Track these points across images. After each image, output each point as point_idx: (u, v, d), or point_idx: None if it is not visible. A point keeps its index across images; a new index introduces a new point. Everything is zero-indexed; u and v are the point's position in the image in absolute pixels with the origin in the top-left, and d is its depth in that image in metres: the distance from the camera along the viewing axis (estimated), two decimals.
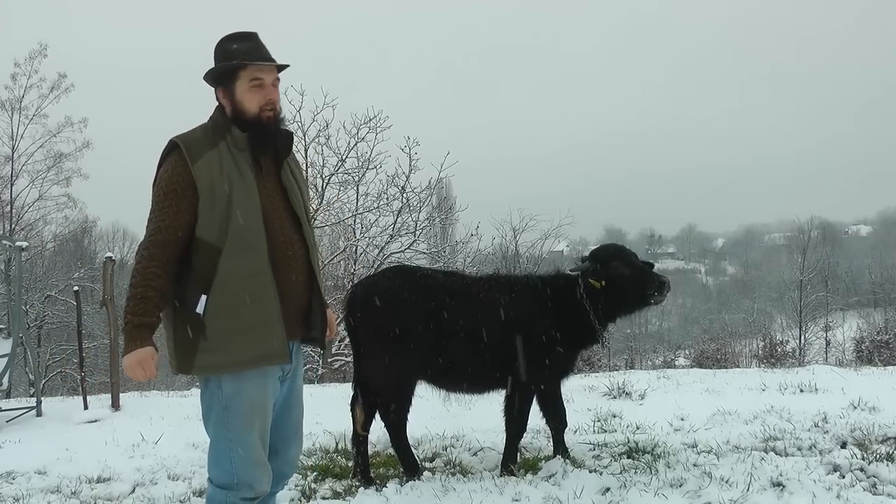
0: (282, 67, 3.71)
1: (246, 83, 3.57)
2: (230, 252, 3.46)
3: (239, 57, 3.57)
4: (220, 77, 3.63)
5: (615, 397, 8.37)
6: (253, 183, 3.57)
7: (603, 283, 5.61)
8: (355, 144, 19.62)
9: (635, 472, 5.43)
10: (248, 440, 3.55)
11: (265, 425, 3.65)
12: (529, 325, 5.57)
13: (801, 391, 8.02)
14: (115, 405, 9.13)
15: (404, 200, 19.67)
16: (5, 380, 9.19)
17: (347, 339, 5.91)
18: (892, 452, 5.51)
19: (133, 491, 5.81)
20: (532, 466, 5.80)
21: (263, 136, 3.61)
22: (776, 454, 5.77)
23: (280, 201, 3.70)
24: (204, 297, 3.45)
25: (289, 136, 3.83)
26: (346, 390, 7.69)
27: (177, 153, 3.47)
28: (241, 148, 3.59)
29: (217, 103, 3.70)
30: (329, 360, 17.96)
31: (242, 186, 3.52)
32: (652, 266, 5.83)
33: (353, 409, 5.71)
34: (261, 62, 3.58)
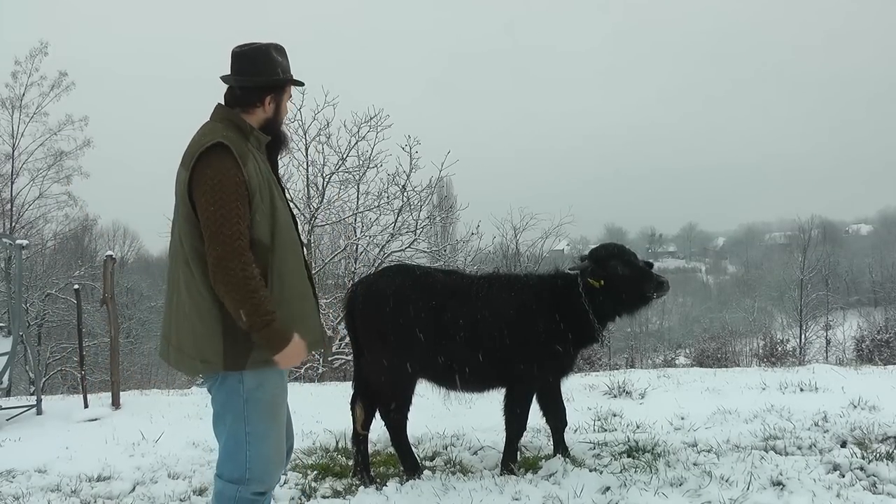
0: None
1: (287, 96, 3.86)
2: (280, 249, 3.59)
3: (288, 72, 3.82)
4: (274, 87, 3.78)
5: (615, 396, 8.37)
6: (276, 183, 3.75)
7: (602, 282, 5.61)
8: (356, 143, 19.64)
9: (635, 471, 5.43)
10: (269, 433, 3.60)
11: (283, 418, 3.72)
12: (529, 324, 5.57)
13: (802, 390, 8.02)
14: (116, 403, 9.13)
15: (405, 199, 19.66)
16: (5, 378, 9.19)
17: (348, 338, 5.92)
18: (892, 451, 5.52)
19: (133, 489, 5.81)
20: (532, 465, 5.80)
21: (286, 142, 3.94)
22: (776, 453, 5.77)
23: (283, 201, 3.86)
24: None
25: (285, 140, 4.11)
26: (346, 389, 7.69)
27: (229, 154, 3.47)
28: (262, 151, 3.76)
29: (221, 104, 3.77)
30: (329, 358, 17.96)
31: (276, 187, 3.70)
32: (651, 266, 5.82)
33: (353, 408, 5.72)
34: (298, 81, 3.86)
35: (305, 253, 3.99)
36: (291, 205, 3.99)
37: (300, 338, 3.54)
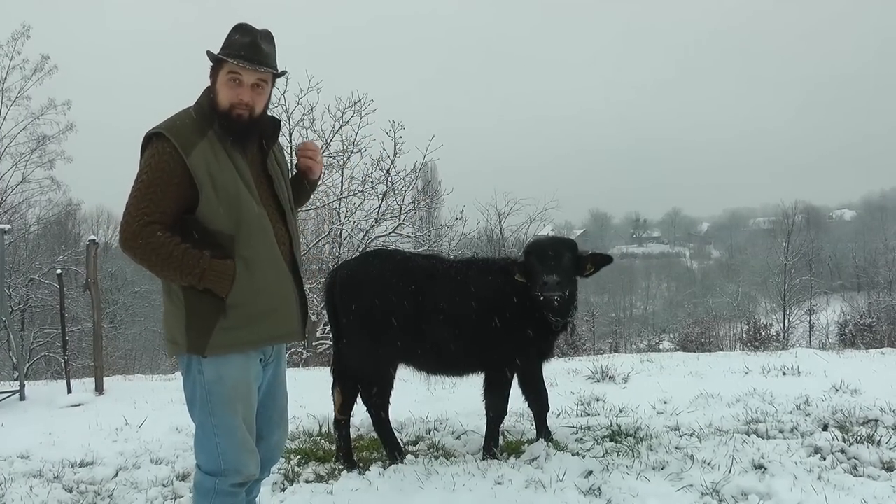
0: (278, 74, 3.66)
1: (225, 75, 3.51)
2: (246, 238, 3.48)
3: (230, 49, 3.50)
4: (212, 62, 3.57)
5: (599, 381, 8.40)
6: (248, 171, 3.57)
7: (523, 278, 5.50)
8: (340, 128, 19.62)
9: (618, 455, 5.45)
10: (233, 424, 3.53)
11: (249, 409, 3.63)
12: (505, 308, 5.54)
13: (784, 374, 8.08)
14: (99, 389, 9.11)
15: (389, 184, 19.67)
16: None
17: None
18: (873, 434, 5.55)
19: (116, 475, 5.79)
20: (515, 450, 5.81)
21: (228, 130, 3.52)
22: (758, 437, 5.79)
23: (266, 190, 3.68)
24: None
25: (275, 126, 3.80)
26: (329, 374, 7.69)
27: (166, 143, 3.39)
28: (234, 138, 3.54)
29: (206, 87, 3.63)
30: (314, 343, 17.96)
31: (242, 175, 3.52)
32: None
33: (333, 394, 5.72)
34: (240, 61, 3.47)
35: (294, 245, 3.78)
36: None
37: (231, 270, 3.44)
